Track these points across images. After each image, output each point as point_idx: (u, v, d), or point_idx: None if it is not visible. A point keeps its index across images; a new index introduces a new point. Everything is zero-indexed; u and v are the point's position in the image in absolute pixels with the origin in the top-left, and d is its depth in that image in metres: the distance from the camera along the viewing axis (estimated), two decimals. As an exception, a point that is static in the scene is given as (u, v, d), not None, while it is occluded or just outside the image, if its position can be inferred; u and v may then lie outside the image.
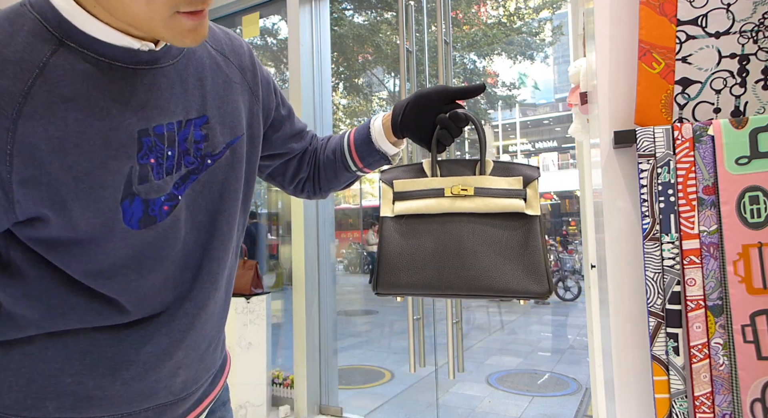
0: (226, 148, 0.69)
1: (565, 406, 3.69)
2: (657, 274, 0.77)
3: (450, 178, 0.75)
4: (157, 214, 0.60)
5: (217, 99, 0.68)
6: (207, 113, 0.66)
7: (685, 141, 0.77)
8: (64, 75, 0.53)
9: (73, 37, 0.54)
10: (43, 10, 0.53)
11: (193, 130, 0.64)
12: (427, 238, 0.72)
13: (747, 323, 0.71)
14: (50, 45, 0.53)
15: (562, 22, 13.21)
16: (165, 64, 0.61)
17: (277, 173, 0.90)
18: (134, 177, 0.57)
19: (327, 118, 3.10)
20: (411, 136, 0.80)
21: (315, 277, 2.96)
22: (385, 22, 10.03)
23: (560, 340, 6.11)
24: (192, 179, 0.64)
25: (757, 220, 0.72)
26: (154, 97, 0.59)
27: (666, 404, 0.75)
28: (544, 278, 0.71)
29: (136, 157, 0.57)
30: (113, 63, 0.56)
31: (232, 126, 0.70)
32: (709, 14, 0.79)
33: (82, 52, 0.54)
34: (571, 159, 22.25)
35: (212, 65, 0.69)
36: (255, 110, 0.76)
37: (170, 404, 0.69)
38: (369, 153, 0.85)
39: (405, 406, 3.70)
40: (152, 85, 0.59)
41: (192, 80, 0.65)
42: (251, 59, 0.77)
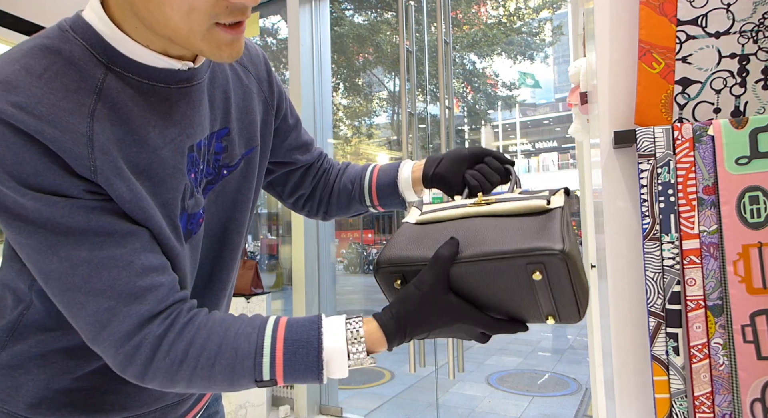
0: (242, 160, 0.70)
1: (565, 406, 3.69)
2: (657, 274, 0.77)
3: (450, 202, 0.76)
4: (194, 228, 0.62)
5: (238, 111, 0.70)
6: (229, 126, 0.68)
7: (685, 141, 0.77)
8: (117, 99, 0.54)
9: (117, 62, 0.55)
10: (87, 36, 0.54)
11: (215, 142, 0.66)
12: (442, 229, 0.68)
13: (747, 323, 0.71)
14: (100, 69, 0.54)
15: (562, 22, 13.21)
16: (199, 80, 0.63)
17: (277, 183, 0.89)
18: (187, 193, 0.60)
19: (327, 119, 3.10)
20: (442, 188, 0.82)
21: (315, 277, 2.96)
22: (385, 22, 10.03)
23: (560, 340, 6.11)
24: (209, 189, 0.65)
25: (757, 220, 0.72)
26: (195, 113, 0.61)
27: (666, 404, 0.75)
28: (557, 236, 0.59)
29: (186, 174, 0.60)
30: (156, 85, 0.57)
31: (248, 137, 0.71)
32: (709, 14, 0.79)
33: (126, 77, 0.55)
34: (571, 159, 22.26)
35: (234, 77, 0.71)
36: (269, 120, 0.77)
37: (174, 404, 0.70)
38: (390, 196, 0.85)
39: (405, 406, 3.70)
40: (191, 103, 0.61)
41: (218, 94, 0.67)
42: (267, 68, 0.79)
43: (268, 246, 5.15)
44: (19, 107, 0.48)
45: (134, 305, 0.53)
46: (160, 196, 0.57)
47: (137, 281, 0.53)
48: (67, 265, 0.51)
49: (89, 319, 0.52)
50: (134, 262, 0.53)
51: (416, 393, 3.99)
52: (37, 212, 0.49)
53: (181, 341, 0.53)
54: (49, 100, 0.49)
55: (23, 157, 0.48)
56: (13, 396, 0.62)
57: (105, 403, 0.63)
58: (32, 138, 0.48)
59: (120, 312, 0.52)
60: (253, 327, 0.56)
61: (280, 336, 0.55)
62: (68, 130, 0.50)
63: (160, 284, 0.54)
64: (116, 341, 0.52)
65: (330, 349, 0.55)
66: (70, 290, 0.52)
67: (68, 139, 0.50)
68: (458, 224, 0.67)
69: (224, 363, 0.53)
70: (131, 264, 0.53)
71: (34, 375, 0.61)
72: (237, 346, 0.54)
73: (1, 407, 0.62)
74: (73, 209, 0.50)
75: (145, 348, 0.53)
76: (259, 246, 5.78)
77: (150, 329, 0.53)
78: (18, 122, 0.47)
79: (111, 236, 0.52)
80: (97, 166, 0.51)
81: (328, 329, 0.57)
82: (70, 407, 0.62)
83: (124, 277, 0.52)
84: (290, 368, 0.54)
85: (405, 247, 0.65)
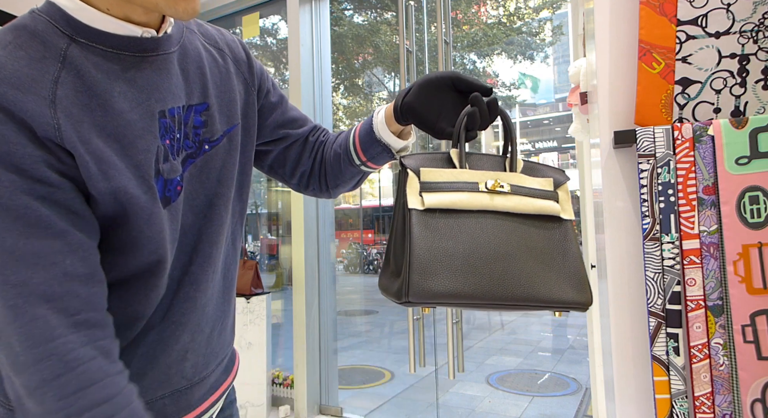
0: (223, 136, 0.71)
1: (565, 406, 3.69)
2: (657, 274, 0.77)
3: (482, 172, 0.67)
4: (172, 194, 0.63)
5: (216, 88, 0.71)
6: (208, 101, 0.69)
7: (685, 141, 0.77)
8: (81, 66, 0.56)
9: (81, 33, 0.57)
10: (51, 12, 0.57)
11: (194, 116, 0.67)
12: (463, 237, 0.62)
13: (747, 323, 0.71)
14: (64, 41, 0.56)
15: (562, 22, 13.20)
16: (167, 51, 0.64)
17: (277, 165, 0.88)
18: (160, 156, 0.61)
19: (327, 119, 3.10)
20: (415, 119, 0.74)
21: (315, 277, 2.96)
22: (384, 23, 10.03)
23: (560, 340, 6.11)
24: (189, 163, 0.66)
25: (757, 220, 0.72)
26: (164, 81, 0.63)
27: (666, 405, 0.75)
28: (586, 286, 0.65)
29: (158, 137, 0.61)
30: (120, 53, 0.59)
31: (228, 115, 0.72)
32: (709, 14, 0.79)
33: (91, 46, 0.57)
34: (571, 159, 22.26)
35: (209, 57, 0.72)
36: (251, 100, 0.78)
37: (185, 390, 0.70)
38: (371, 144, 0.80)
39: (405, 406, 3.70)
40: (160, 71, 0.62)
41: (192, 68, 0.68)
42: (245, 52, 0.80)
43: (268, 246, 5.15)
44: None
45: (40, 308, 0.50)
46: (132, 158, 0.57)
47: (53, 285, 0.51)
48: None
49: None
50: (57, 264, 0.51)
51: (416, 393, 3.99)
52: None
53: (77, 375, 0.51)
54: (12, 66, 0.51)
55: None
56: None
57: None
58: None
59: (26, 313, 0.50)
60: None
61: None
62: (31, 92, 0.51)
63: (77, 294, 0.52)
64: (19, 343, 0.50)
65: None
66: None
67: (30, 100, 0.51)
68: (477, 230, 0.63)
69: None
70: (54, 265, 0.51)
71: None
72: None
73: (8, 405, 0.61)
74: (17, 191, 0.50)
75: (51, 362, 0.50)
76: (259, 246, 5.79)
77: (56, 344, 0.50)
78: None
79: (43, 230, 0.51)
80: (60, 125, 0.52)
81: None
82: None
83: (40, 276, 0.51)
84: None
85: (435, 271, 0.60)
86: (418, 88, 0.74)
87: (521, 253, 0.63)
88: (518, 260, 0.63)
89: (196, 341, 0.70)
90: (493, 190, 0.65)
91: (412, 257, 0.60)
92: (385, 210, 16.23)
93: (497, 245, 0.63)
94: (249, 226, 5.51)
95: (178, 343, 0.67)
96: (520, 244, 0.64)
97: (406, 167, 0.66)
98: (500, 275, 0.61)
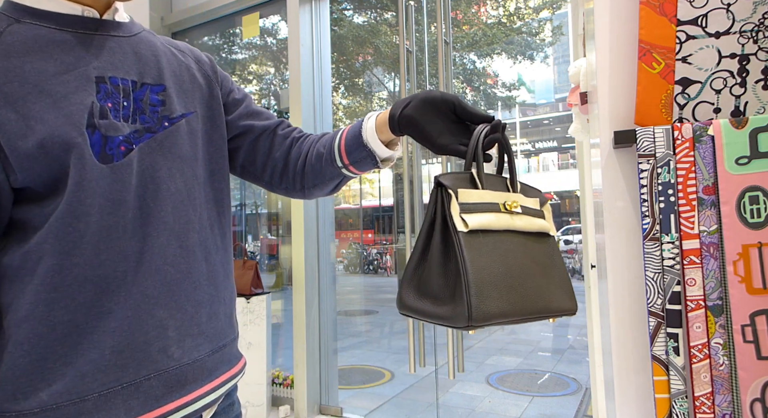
0: (182, 118, 0.75)
1: (565, 406, 3.69)
2: (657, 274, 0.77)
3: (498, 193, 0.69)
4: (114, 153, 0.65)
5: (173, 76, 0.76)
6: (164, 83, 0.74)
7: (685, 141, 0.77)
8: (19, 38, 0.63)
9: (26, 14, 0.64)
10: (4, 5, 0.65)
11: (149, 94, 0.72)
12: (496, 257, 0.64)
13: (747, 323, 0.71)
14: (6, 22, 0.63)
15: (562, 22, 13.21)
16: (117, 35, 0.71)
17: (247, 162, 0.87)
18: (95, 111, 0.65)
19: (327, 119, 3.10)
20: (414, 132, 0.74)
21: (315, 277, 2.95)
22: (384, 23, 10.03)
23: (560, 340, 6.11)
24: (148, 136, 0.70)
25: (757, 220, 0.72)
26: (108, 55, 0.69)
27: (666, 404, 0.75)
28: (573, 293, 0.71)
29: (95, 97, 0.65)
30: (65, 29, 0.66)
31: (186, 101, 0.76)
32: (709, 14, 0.79)
33: (35, 25, 0.64)
34: (571, 159, 22.26)
35: (166, 52, 0.78)
36: (215, 93, 0.82)
37: (173, 371, 0.68)
38: (356, 147, 0.79)
39: (405, 406, 3.70)
40: (104, 47, 0.69)
41: (147, 54, 0.74)
42: (209, 58, 0.86)
43: (268, 246, 5.15)
44: None
45: None
46: (63, 109, 0.62)
47: None
48: None
49: None
50: None
51: (416, 393, 3.99)
52: None
53: None
54: None
55: None
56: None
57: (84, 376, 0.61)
58: None
59: None
60: None
61: None
62: None
63: None
64: None
65: None
66: None
67: None
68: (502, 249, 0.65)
69: None
70: None
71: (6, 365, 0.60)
72: None
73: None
74: None
75: None
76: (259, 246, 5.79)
77: None
78: None
79: None
80: None
81: None
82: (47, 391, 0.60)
83: None
84: None
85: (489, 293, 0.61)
86: (420, 103, 0.74)
87: (535, 268, 0.68)
88: (534, 275, 0.67)
89: (175, 318, 0.69)
90: (510, 210, 0.68)
91: (469, 280, 0.61)
92: (385, 210, 16.22)
93: (522, 262, 0.66)
94: (249, 226, 5.51)
95: (152, 318, 0.66)
96: (532, 260, 0.68)
97: (447, 187, 0.65)
98: (527, 291, 0.65)
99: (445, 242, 0.64)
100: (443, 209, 0.65)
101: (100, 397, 0.62)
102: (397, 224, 13.64)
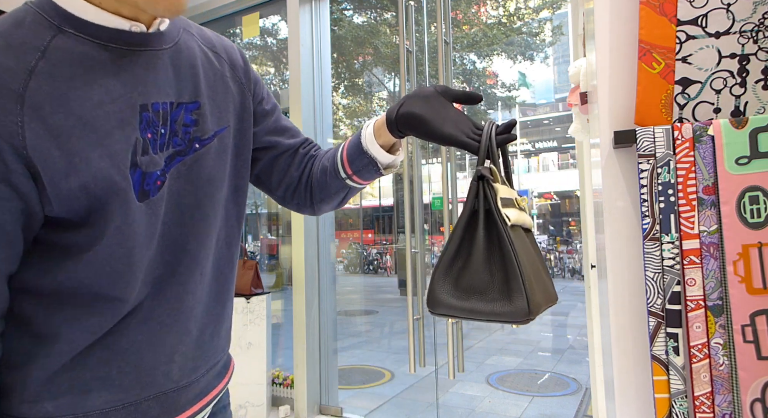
0: (215, 136, 0.71)
1: (565, 406, 3.69)
2: (657, 274, 0.77)
3: (509, 189, 0.70)
4: (151, 188, 0.63)
5: (209, 89, 0.71)
6: (200, 100, 0.69)
7: (685, 141, 0.77)
8: (63, 56, 0.57)
9: (69, 23, 0.58)
10: (41, 3, 0.58)
11: (184, 114, 0.67)
12: (524, 251, 0.65)
13: (747, 323, 0.71)
14: (50, 31, 0.57)
15: (562, 22, 13.21)
16: (158, 48, 0.65)
17: (263, 175, 0.86)
18: (138, 147, 0.61)
19: (327, 118, 3.10)
20: (417, 126, 0.72)
21: (315, 277, 2.95)
22: (384, 23, 10.03)
23: (560, 340, 6.11)
24: (178, 160, 0.66)
25: (757, 220, 0.72)
26: (150, 75, 0.63)
27: (666, 404, 0.75)
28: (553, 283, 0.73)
29: (138, 130, 0.61)
30: (108, 45, 0.60)
31: (219, 116, 0.72)
32: (709, 14, 0.79)
33: (78, 37, 0.58)
34: (571, 159, 22.25)
35: (204, 58, 0.73)
36: (247, 104, 0.78)
37: (171, 393, 0.69)
38: (357, 156, 0.78)
39: (405, 406, 3.70)
40: (147, 65, 0.63)
41: (185, 67, 0.68)
42: (242, 58, 0.80)
43: (268, 246, 5.15)
44: None
45: None
46: (108, 147, 0.58)
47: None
48: None
49: None
50: None
51: (416, 393, 3.99)
52: None
53: None
54: None
55: None
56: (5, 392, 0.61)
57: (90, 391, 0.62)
58: None
59: None
60: None
61: None
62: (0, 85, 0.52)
63: None
64: None
65: None
66: None
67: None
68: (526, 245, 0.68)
69: None
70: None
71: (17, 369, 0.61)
72: None
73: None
74: None
75: None
76: (259, 246, 5.78)
77: None
78: None
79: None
80: (24, 123, 0.53)
81: None
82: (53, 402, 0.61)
83: None
84: None
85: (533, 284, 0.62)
86: (414, 98, 0.73)
87: (538, 261, 0.70)
88: (539, 267, 0.69)
89: (183, 342, 0.69)
90: (520, 205, 0.69)
91: (524, 273, 0.61)
92: (385, 210, 16.22)
93: (533, 255, 0.68)
94: (249, 226, 5.50)
95: (163, 345, 0.67)
96: (534, 253, 0.70)
97: (490, 180, 0.65)
98: (541, 281, 0.67)
99: (489, 235, 0.64)
100: (486, 202, 0.64)
101: (101, 414, 0.63)
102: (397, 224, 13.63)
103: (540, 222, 21.32)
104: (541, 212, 21.72)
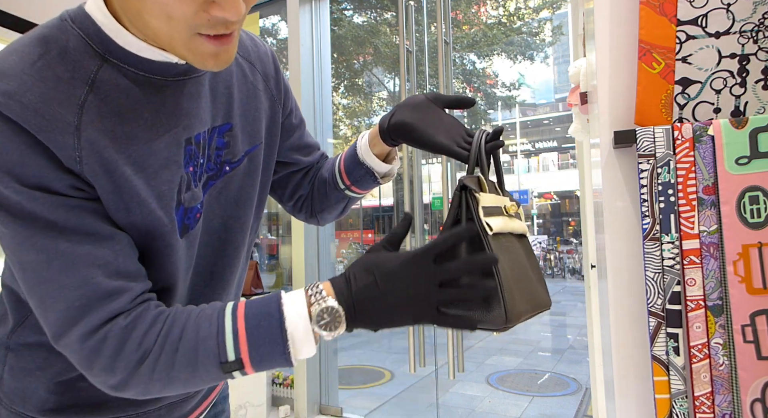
0: (245, 157, 0.69)
1: (565, 406, 3.69)
2: (657, 274, 0.77)
3: (497, 197, 0.70)
4: (191, 222, 0.61)
5: (241, 107, 0.69)
6: (232, 121, 0.66)
7: (685, 141, 0.77)
8: (109, 90, 0.54)
9: (114, 53, 0.54)
10: (85, 26, 0.54)
11: (217, 138, 0.64)
12: (509, 259, 0.65)
13: (747, 323, 0.71)
14: (96, 61, 0.54)
15: (562, 22, 13.21)
16: (198, 73, 0.61)
17: (278, 186, 0.86)
18: (183, 186, 0.59)
19: (327, 118, 3.10)
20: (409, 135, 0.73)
21: (315, 277, 2.96)
22: (384, 23, 10.04)
23: (560, 340, 6.11)
24: (210, 185, 0.64)
25: (757, 220, 0.72)
26: (193, 106, 0.60)
27: (666, 404, 0.75)
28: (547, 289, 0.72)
29: (183, 166, 0.59)
30: (152, 77, 0.56)
31: (251, 134, 0.70)
32: (709, 14, 0.79)
33: (123, 68, 0.55)
34: (571, 159, 22.25)
35: (239, 73, 0.70)
36: (276, 118, 0.76)
37: (178, 403, 0.70)
38: (354, 166, 0.79)
39: (405, 406, 3.70)
40: (190, 95, 0.60)
41: (221, 88, 0.66)
42: (275, 66, 0.78)
43: (268, 246, 5.15)
44: (8, 95, 0.48)
45: (106, 302, 0.52)
46: (155, 188, 0.56)
47: (111, 282, 0.52)
48: (43, 257, 0.50)
49: (60, 314, 0.51)
50: (111, 263, 0.52)
51: (416, 393, 3.99)
52: (18, 204, 0.49)
53: (147, 330, 0.52)
54: (39, 89, 0.49)
55: (10, 147, 0.48)
56: (22, 398, 0.62)
57: (109, 400, 0.63)
58: (20, 127, 0.48)
59: (92, 308, 0.51)
60: (213, 309, 0.55)
61: (241, 313, 0.54)
62: (55, 119, 0.50)
63: (131, 288, 0.54)
64: (82, 335, 0.51)
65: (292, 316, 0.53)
66: (44, 283, 0.51)
67: (54, 128, 0.49)
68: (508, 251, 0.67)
69: (187, 346, 0.52)
70: (108, 264, 0.52)
71: (39, 377, 0.61)
72: (198, 327, 0.53)
73: (11, 408, 0.62)
74: (54, 206, 0.50)
75: (112, 339, 0.51)
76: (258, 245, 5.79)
77: (117, 321, 0.52)
78: (5, 110, 0.47)
79: (91, 236, 0.52)
80: (82, 157, 0.51)
81: (288, 298, 0.55)
82: (75, 408, 0.62)
83: (99, 275, 0.51)
84: (254, 342, 0.52)
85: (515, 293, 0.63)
86: (404, 107, 0.73)
87: (528, 267, 0.70)
88: (529, 274, 0.69)
89: None
90: (508, 213, 0.69)
91: (502, 282, 0.61)
92: (385, 210, 16.23)
93: (522, 262, 0.68)
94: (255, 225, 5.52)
95: None
96: (526, 259, 0.70)
97: (473, 191, 0.65)
98: (530, 289, 0.67)
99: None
100: (469, 212, 0.65)
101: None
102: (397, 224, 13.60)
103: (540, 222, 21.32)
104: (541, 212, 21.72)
